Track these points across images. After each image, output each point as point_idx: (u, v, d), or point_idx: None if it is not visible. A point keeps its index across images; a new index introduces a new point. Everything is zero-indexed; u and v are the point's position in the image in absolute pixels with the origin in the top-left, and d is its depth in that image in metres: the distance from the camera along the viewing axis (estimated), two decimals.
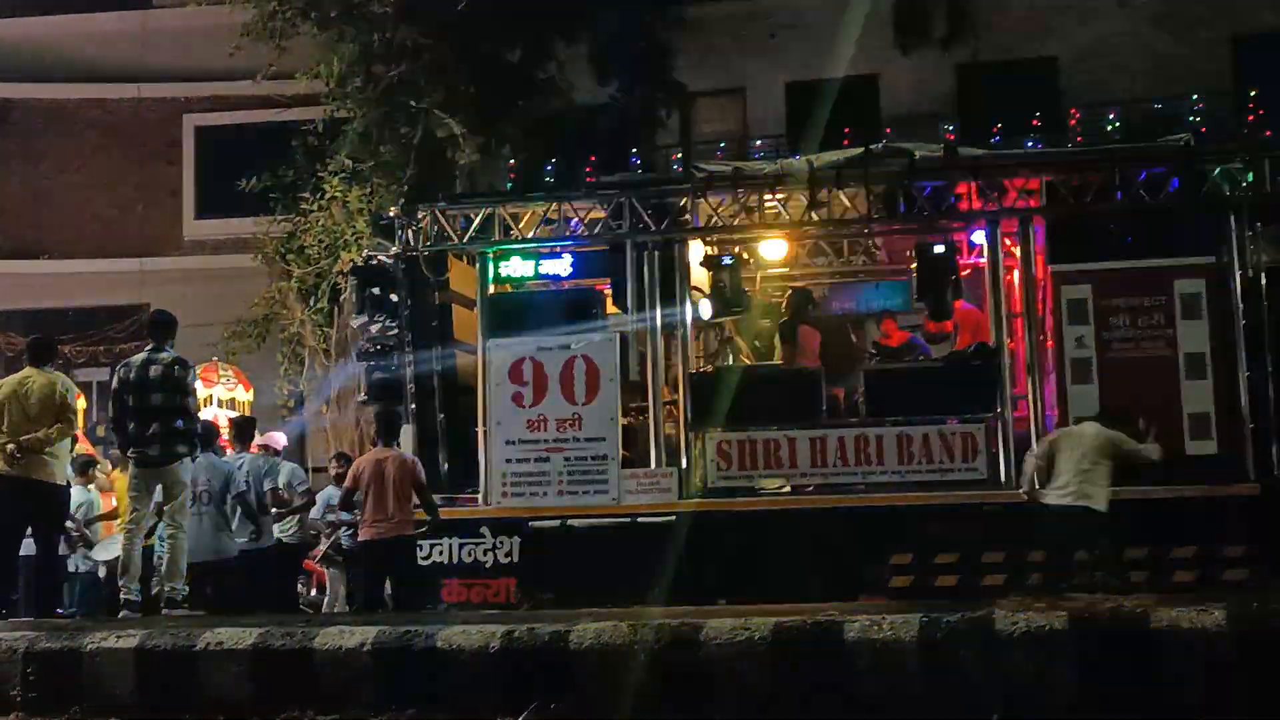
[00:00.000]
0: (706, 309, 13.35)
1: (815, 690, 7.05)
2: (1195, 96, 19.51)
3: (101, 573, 13.15)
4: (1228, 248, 12.53)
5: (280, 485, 12.70)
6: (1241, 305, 12.41)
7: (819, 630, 7.19)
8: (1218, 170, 12.70)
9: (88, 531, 13.50)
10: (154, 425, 9.96)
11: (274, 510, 12.59)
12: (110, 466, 13.91)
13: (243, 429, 13.13)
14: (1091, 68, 21.77)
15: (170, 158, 23.82)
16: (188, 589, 10.20)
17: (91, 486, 14.07)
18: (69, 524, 12.16)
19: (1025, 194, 12.98)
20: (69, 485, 10.55)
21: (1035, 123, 17.31)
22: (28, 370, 10.35)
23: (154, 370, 10.04)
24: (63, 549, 11.94)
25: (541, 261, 13.91)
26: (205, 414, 15.13)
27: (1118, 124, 15.42)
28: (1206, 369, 12.28)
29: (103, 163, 23.88)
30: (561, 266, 13.91)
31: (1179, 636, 6.80)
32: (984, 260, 13.44)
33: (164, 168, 23.79)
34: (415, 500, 11.39)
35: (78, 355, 20.89)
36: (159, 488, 10.13)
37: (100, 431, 16.85)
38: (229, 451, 12.99)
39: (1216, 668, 6.71)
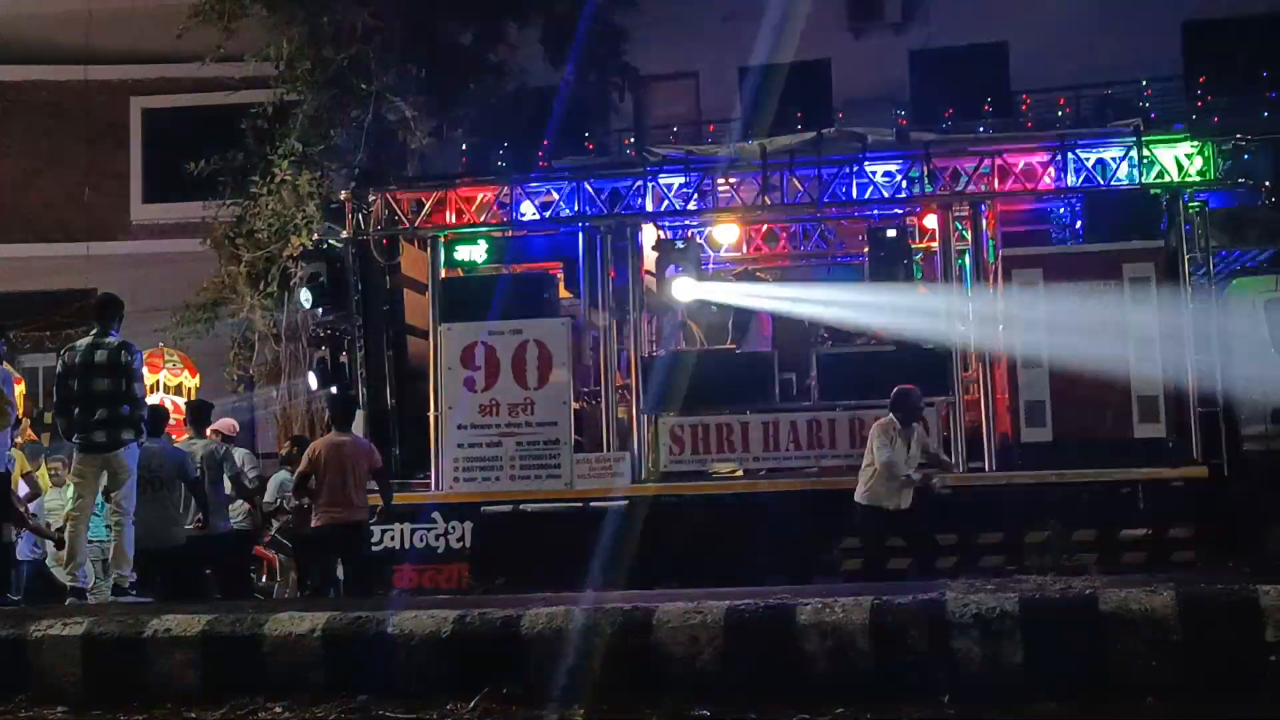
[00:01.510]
0: (674, 290, 13.32)
1: (768, 673, 7.05)
2: (1144, 82, 19.72)
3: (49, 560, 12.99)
4: (1176, 232, 12.63)
5: (242, 470, 12.59)
6: (1190, 289, 12.52)
7: (771, 613, 7.18)
8: (1166, 154, 12.78)
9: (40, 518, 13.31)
10: (100, 411, 9.82)
11: (238, 498, 12.47)
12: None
13: (198, 413, 12.92)
14: (1042, 53, 21.87)
15: (118, 141, 23.55)
16: (136, 576, 10.09)
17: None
18: (24, 510, 12.00)
19: (976, 178, 13.03)
20: (8, 473, 10.33)
21: (987, 107, 17.44)
22: None
23: (99, 355, 9.89)
24: (10, 535, 11.76)
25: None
26: (152, 399, 14.99)
27: (1068, 109, 15.54)
28: (1155, 352, 12.36)
29: (49, 146, 23.57)
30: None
31: (1128, 617, 6.83)
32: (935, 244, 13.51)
33: (111, 151, 23.51)
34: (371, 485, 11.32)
35: (23, 340, 20.58)
36: (104, 474, 10.01)
37: (47, 419, 16.64)
38: (180, 437, 12.86)
39: (1165, 648, 6.75)
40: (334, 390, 13.39)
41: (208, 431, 12.77)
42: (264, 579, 14.46)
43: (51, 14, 23.10)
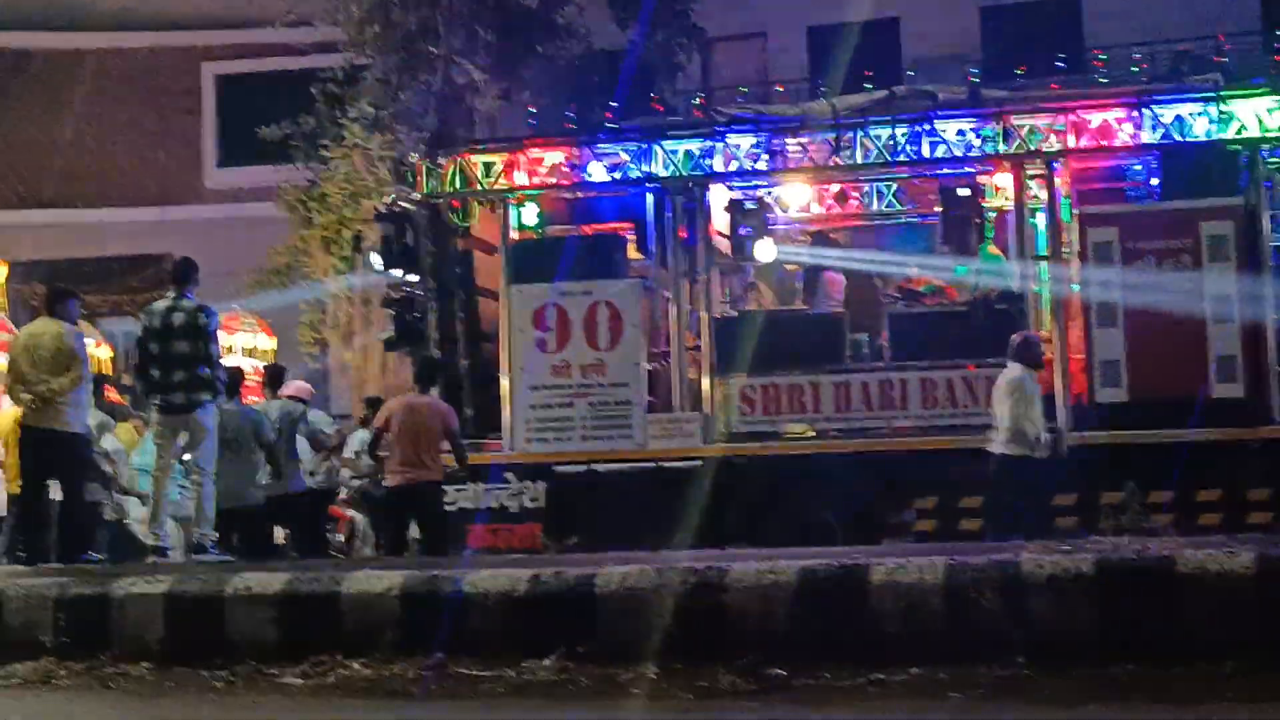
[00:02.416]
0: (757, 252, 13.29)
1: (840, 633, 7.06)
2: (1222, 36, 19.35)
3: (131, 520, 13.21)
4: (1255, 189, 12.41)
5: (321, 429, 12.74)
6: (1270, 247, 12.32)
7: (844, 573, 7.18)
8: (1245, 110, 12.55)
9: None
10: (178, 373, 9.97)
11: (315, 454, 12.62)
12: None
13: (275, 376, 13.09)
14: (1117, 7, 21.54)
15: (190, 106, 23.83)
16: (217, 535, 10.26)
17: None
18: (109, 470, 12.20)
19: (1050, 135, 12.86)
20: (86, 433, 10.49)
21: (1060, 64, 17.18)
22: (42, 320, 10.34)
23: (177, 317, 10.03)
24: (99, 494, 11.98)
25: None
26: (229, 361, 15.18)
27: (1144, 64, 15.28)
28: (1233, 312, 12.18)
29: (123, 112, 23.90)
30: None
31: (1205, 579, 6.77)
32: (1009, 203, 13.37)
33: (184, 116, 23.80)
34: (444, 446, 11.40)
35: (101, 305, 20.95)
36: (183, 435, 10.17)
37: (126, 380, 16.91)
38: (255, 399, 13.03)
39: (1243, 610, 6.69)
40: (420, 352, 13.49)
41: (282, 395, 12.93)
42: (341, 538, 14.65)
43: None
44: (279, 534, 12.89)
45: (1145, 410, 12.01)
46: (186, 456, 10.40)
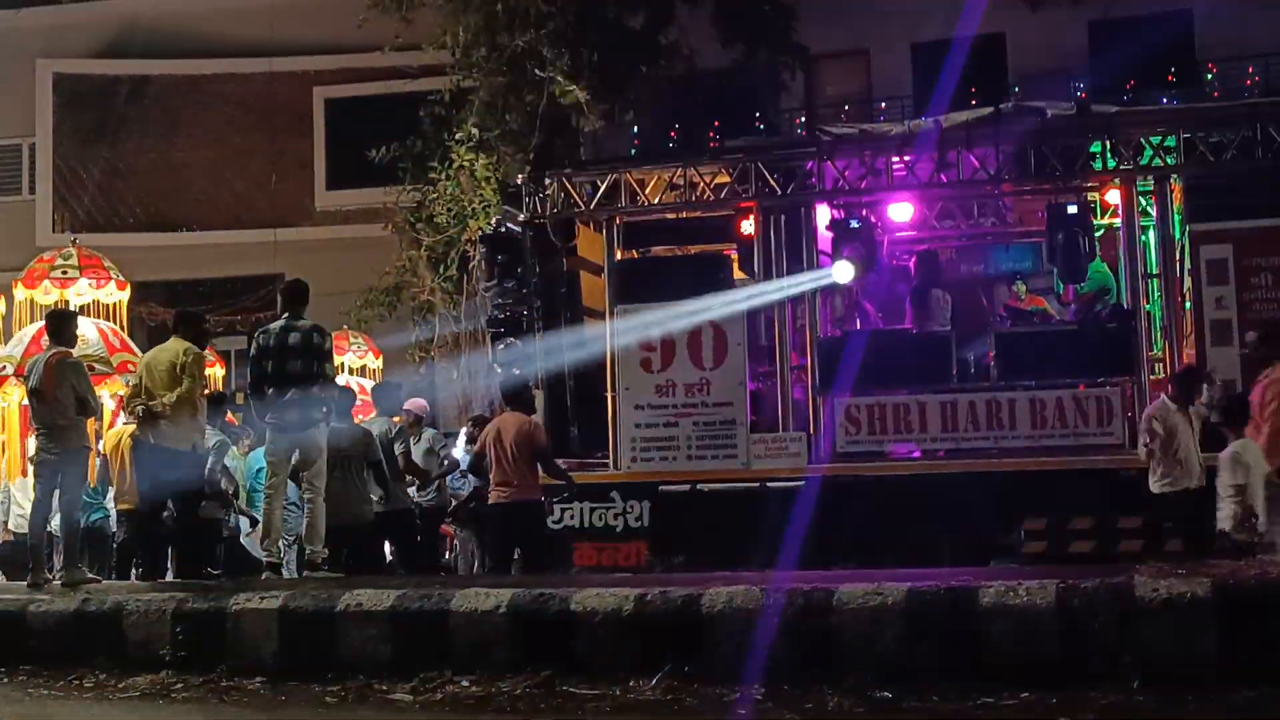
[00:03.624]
0: (835, 273, 13.25)
1: (949, 656, 7.00)
2: None
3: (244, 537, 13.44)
4: None
5: (421, 451, 12.81)
6: None
7: (953, 596, 7.12)
8: None
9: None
10: (292, 391, 10.13)
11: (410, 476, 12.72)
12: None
13: (384, 394, 13.13)
14: (1228, 20, 21.11)
15: (301, 130, 24.26)
16: (328, 552, 10.41)
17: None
18: (227, 488, 12.43)
19: (1161, 151, 12.67)
20: (194, 451, 10.62)
21: (1170, 78, 16.92)
22: (170, 340, 10.57)
23: (293, 338, 10.20)
24: (217, 512, 12.21)
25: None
26: (339, 381, 15.41)
27: (1257, 78, 15.00)
28: None
29: (236, 136, 24.42)
30: None
31: None
32: (1118, 220, 13.18)
33: (295, 140, 24.24)
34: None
35: (215, 325, 21.37)
36: (296, 453, 10.34)
37: (239, 399, 17.25)
38: (364, 418, 13.19)
39: None
40: (505, 372, 13.59)
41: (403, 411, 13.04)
42: (447, 555, 14.79)
43: (235, 8, 23.92)
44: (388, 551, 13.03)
45: None
46: (299, 475, 10.56)
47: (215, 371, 16.77)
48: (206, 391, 11.30)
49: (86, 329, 14.19)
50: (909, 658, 7.06)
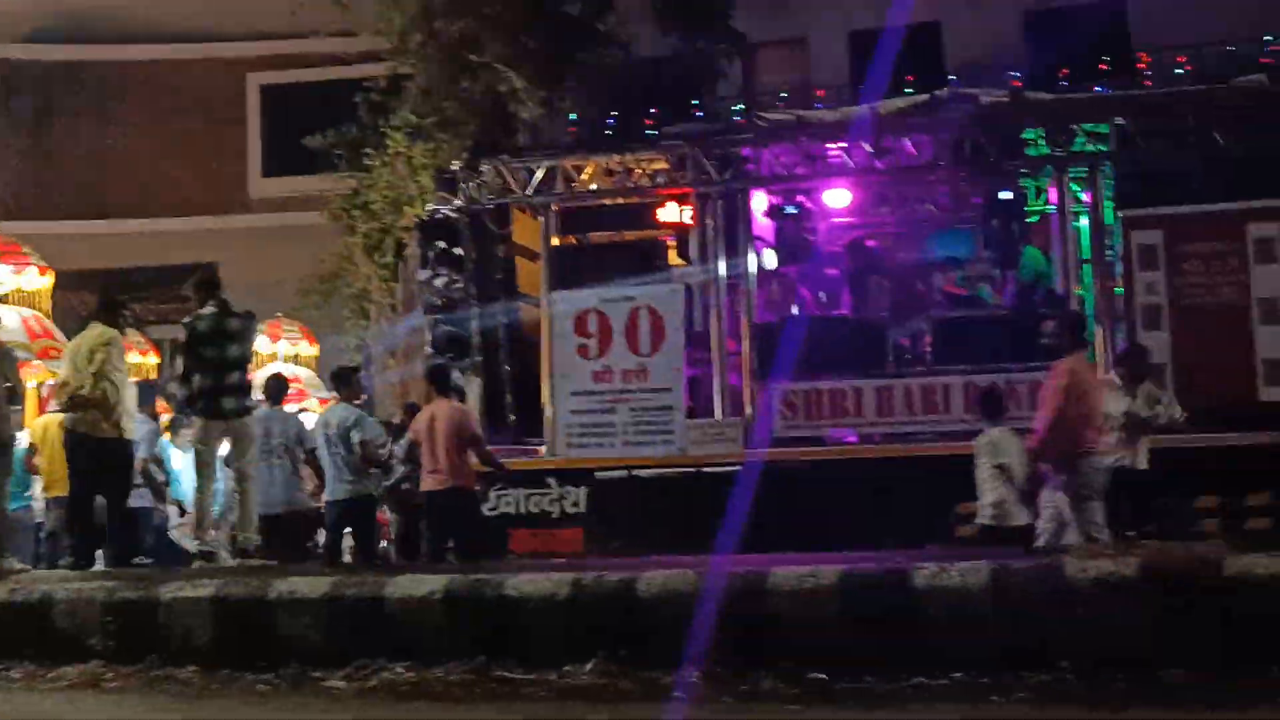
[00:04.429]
0: (771, 259, 13.30)
1: (883, 638, 7.03)
2: (1268, 37, 19.15)
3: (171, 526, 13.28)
4: None
5: (369, 438, 12.70)
6: None
7: (887, 578, 7.16)
8: None
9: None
10: (231, 376, 10.04)
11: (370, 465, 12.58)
12: None
13: (346, 378, 12.94)
14: (1161, 10, 21.32)
15: (236, 117, 24.00)
16: (260, 539, 10.32)
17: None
18: (158, 476, 12.30)
19: (1094, 139, 12.79)
20: (125, 439, 10.46)
21: (1104, 67, 17.05)
22: (90, 327, 10.42)
23: (233, 323, 10.11)
24: (146, 500, 12.07)
25: None
26: (272, 369, 15.30)
27: (1189, 67, 15.14)
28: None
29: (170, 123, 24.10)
30: None
31: (1253, 583, 6.70)
32: (1052, 206, 13.30)
33: (230, 127, 23.98)
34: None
35: (148, 314, 21.12)
36: (227, 440, 10.22)
37: (171, 389, 17.07)
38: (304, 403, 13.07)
39: None
40: (430, 360, 13.51)
41: (328, 399, 12.94)
42: (383, 544, 14.70)
43: None
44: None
45: (1193, 416, 11.90)
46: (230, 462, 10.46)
47: (148, 360, 16.58)
48: (135, 379, 11.15)
49: (6, 316, 14.01)
50: (844, 640, 7.07)
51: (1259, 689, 6.31)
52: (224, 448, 10.38)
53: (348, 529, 12.05)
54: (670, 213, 13.96)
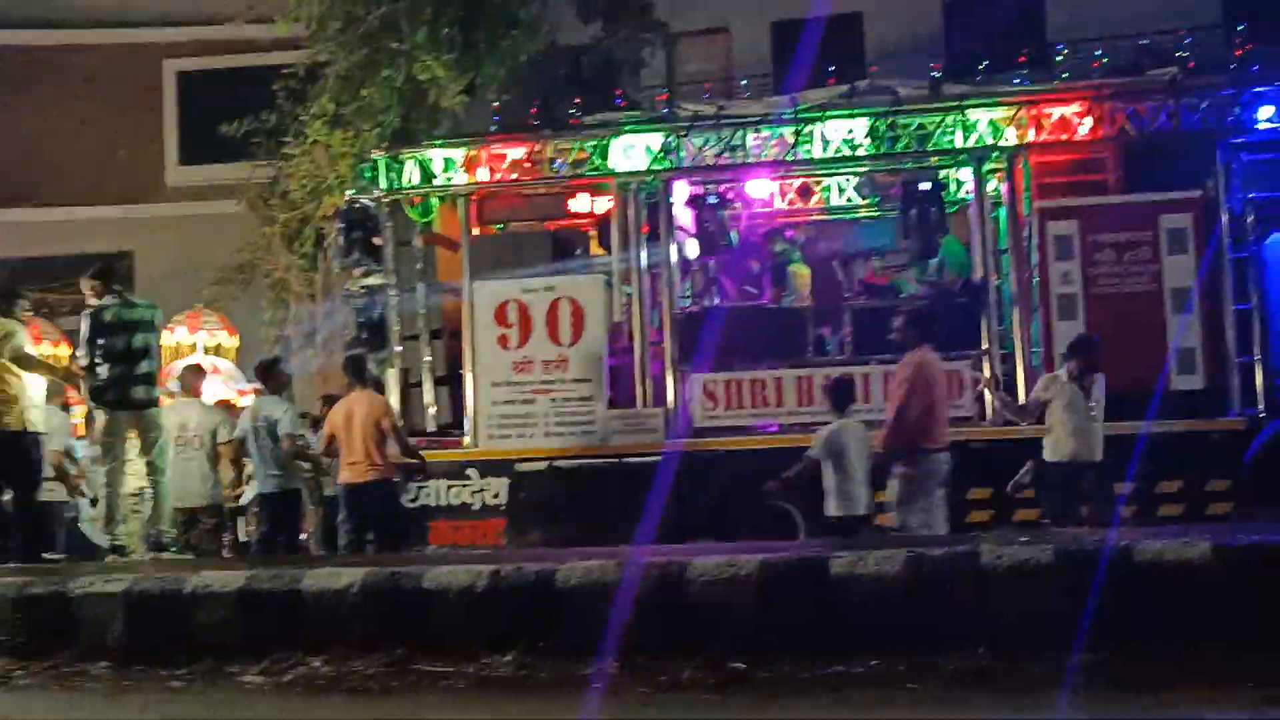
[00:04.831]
0: (692, 248, 13.32)
1: (801, 626, 7.07)
2: (1182, 30, 19.47)
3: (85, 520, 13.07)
4: (1215, 182, 12.50)
5: (291, 431, 12.53)
6: (1228, 239, 12.42)
7: (804, 566, 7.20)
8: (1205, 104, 12.63)
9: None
10: (140, 366, 9.90)
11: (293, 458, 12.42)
12: None
13: (271, 369, 12.76)
14: (1078, 3, 21.64)
15: (152, 104, 23.60)
16: (175, 532, 10.19)
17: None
18: (71, 470, 12.09)
19: (1011, 130, 12.91)
20: (30, 432, 10.27)
21: (1022, 59, 17.26)
22: None
23: (139, 312, 9.99)
24: (60, 494, 11.87)
25: None
26: (191, 359, 15.10)
27: (1104, 59, 15.35)
28: (1193, 304, 12.28)
29: (84, 110, 23.64)
30: None
31: (1165, 567, 6.82)
32: (970, 197, 13.43)
33: (146, 114, 23.58)
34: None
35: (62, 304, 20.75)
36: (135, 432, 10.05)
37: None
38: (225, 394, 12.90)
39: (1202, 598, 6.74)
40: (347, 350, 13.41)
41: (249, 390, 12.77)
42: (304, 536, 14.56)
43: None
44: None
45: (1108, 401, 12.06)
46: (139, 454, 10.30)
47: (60, 351, 16.30)
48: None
49: None
50: (763, 628, 7.11)
51: (1173, 671, 6.42)
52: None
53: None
54: (582, 203, 13.93)
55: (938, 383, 10.21)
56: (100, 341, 9.91)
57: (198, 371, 12.60)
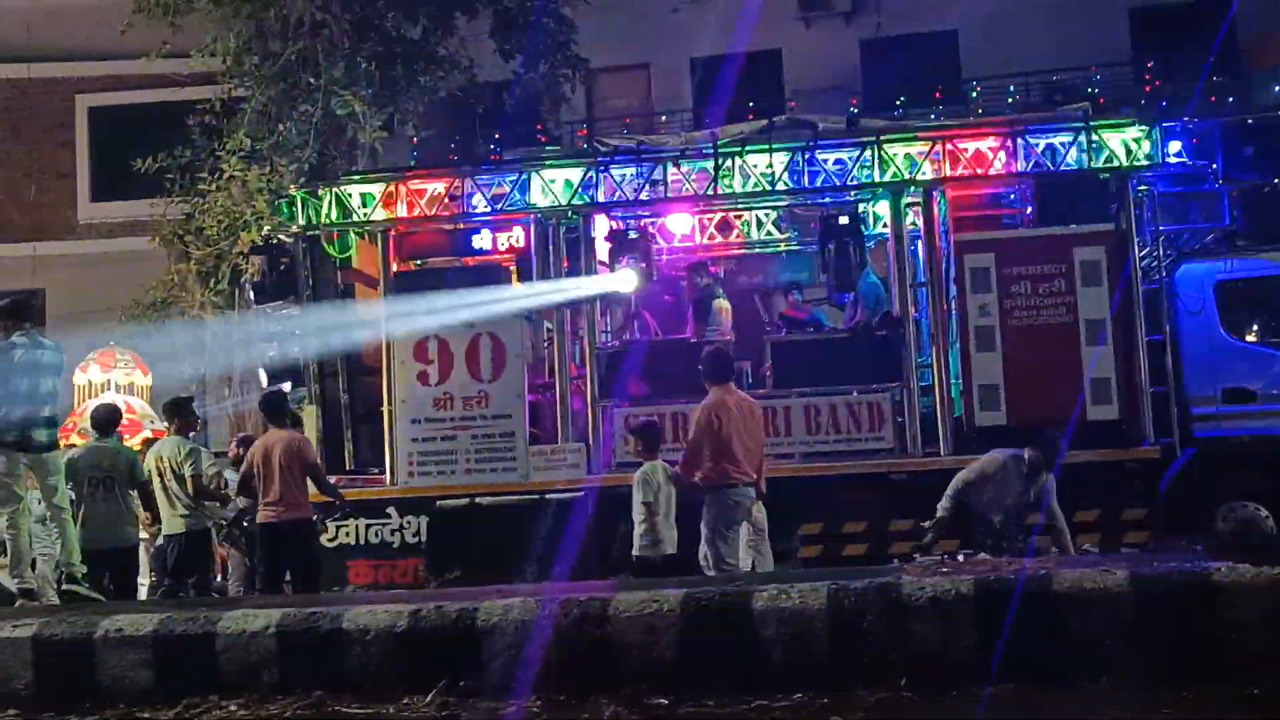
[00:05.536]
0: (615, 282, 13.29)
1: (724, 661, 7.03)
2: (1093, 67, 19.84)
3: None
4: (1126, 215, 12.70)
5: (203, 471, 12.30)
6: (1140, 272, 12.61)
7: (727, 601, 7.17)
8: (1115, 139, 12.84)
9: None
10: (45, 409, 9.69)
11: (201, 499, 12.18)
12: None
13: (180, 409, 12.52)
14: (992, 41, 22.01)
15: (63, 139, 23.28)
16: (84, 568, 9.94)
17: None
18: None
19: (927, 164, 13.05)
20: None
21: (938, 95, 17.52)
22: None
23: (47, 355, 9.77)
24: None
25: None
26: (105, 399, 14.83)
27: (1017, 95, 15.60)
28: (1107, 335, 12.44)
29: None
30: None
31: (1083, 597, 6.86)
32: (887, 231, 13.55)
33: (56, 149, 23.25)
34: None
35: None
36: (34, 474, 9.81)
37: None
38: (133, 436, 12.67)
39: (1118, 627, 6.78)
40: (265, 389, 13.24)
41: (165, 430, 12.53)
42: (219, 578, 14.30)
43: None
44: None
45: (1024, 433, 12.18)
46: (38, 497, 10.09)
47: None
48: None
49: None
50: (685, 664, 7.07)
51: (1083, 702, 6.46)
52: None
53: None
54: (485, 240, 13.87)
55: (733, 421, 10.13)
56: (6, 382, 9.65)
57: (112, 411, 12.31)
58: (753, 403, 10.44)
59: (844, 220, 13.14)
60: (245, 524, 12.38)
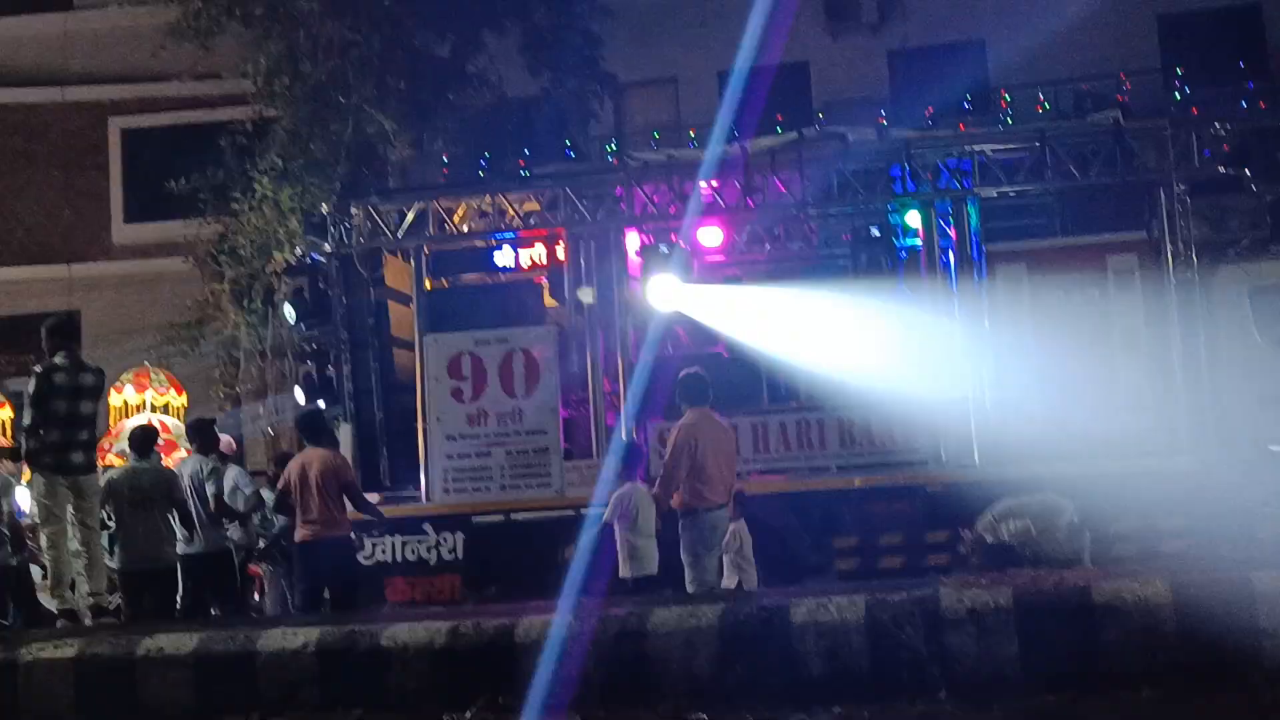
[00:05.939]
0: (645, 297, 13.30)
1: (764, 674, 7.03)
2: (1122, 75, 19.74)
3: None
4: (1159, 223, 12.64)
5: (226, 490, 12.37)
6: (1174, 280, 12.54)
7: (765, 615, 7.17)
8: (1146, 147, 12.78)
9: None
10: (83, 433, 9.76)
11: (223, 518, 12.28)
12: None
13: (201, 429, 12.64)
14: (1020, 49, 21.90)
15: (97, 161, 23.43)
16: (111, 596, 10.01)
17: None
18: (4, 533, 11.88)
19: (958, 174, 13.02)
20: None
21: (966, 104, 17.46)
22: None
23: (87, 378, 9.84)
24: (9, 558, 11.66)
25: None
26: (140, 419, 14.94)
27: (1047, 104, 15.54)
28: (1140, 343, 12.37)
29: (28, 168, 23.45)
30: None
31: (1122, 607, 6.83)
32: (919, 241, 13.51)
33: (91, 172, 23.39)
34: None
35: (7, 365, 20.50)
36: (73, 496, 9.88)
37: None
38: (169, 456, 12.75)
39: (1157, 637, 6.75)
40: (303, 407, 13.29)
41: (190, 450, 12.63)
42: (256, 597, 14.37)
43: (27, 36, 23.07)
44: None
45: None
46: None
47: (3, 414, 16.10)
48: None
49: None
50: (724, 678, 7.08)
51: (1122, 712, 6.43)
52: None
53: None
54: (512, 256, 13.91)
55: (706, 443, 10.14)
56: (46, 404, 9.72)
57: (148, 431, 12.38)
58: (727, 426, 10.51)
59: (874, 232, 13.13)
60: (284, 543, 12.47)
